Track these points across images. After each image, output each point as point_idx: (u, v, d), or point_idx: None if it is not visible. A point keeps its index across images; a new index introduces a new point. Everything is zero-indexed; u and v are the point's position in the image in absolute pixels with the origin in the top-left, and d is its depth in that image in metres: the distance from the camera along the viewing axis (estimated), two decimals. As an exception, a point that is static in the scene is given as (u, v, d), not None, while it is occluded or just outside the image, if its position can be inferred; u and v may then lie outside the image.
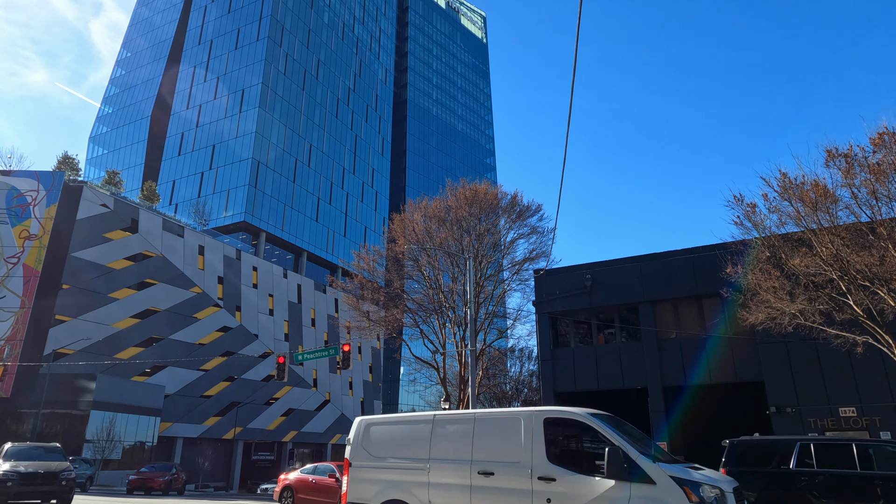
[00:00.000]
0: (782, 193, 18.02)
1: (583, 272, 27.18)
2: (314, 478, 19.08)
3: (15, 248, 45.69)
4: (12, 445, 17.66)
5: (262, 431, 61.44)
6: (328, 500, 17.90)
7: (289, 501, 19.25)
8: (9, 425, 42.04)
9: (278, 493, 20.11)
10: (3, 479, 15.56)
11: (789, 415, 21.75)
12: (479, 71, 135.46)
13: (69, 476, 16.57)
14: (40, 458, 17.32)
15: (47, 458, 17.59)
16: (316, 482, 18.84)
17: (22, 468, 16.16)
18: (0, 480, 15.56)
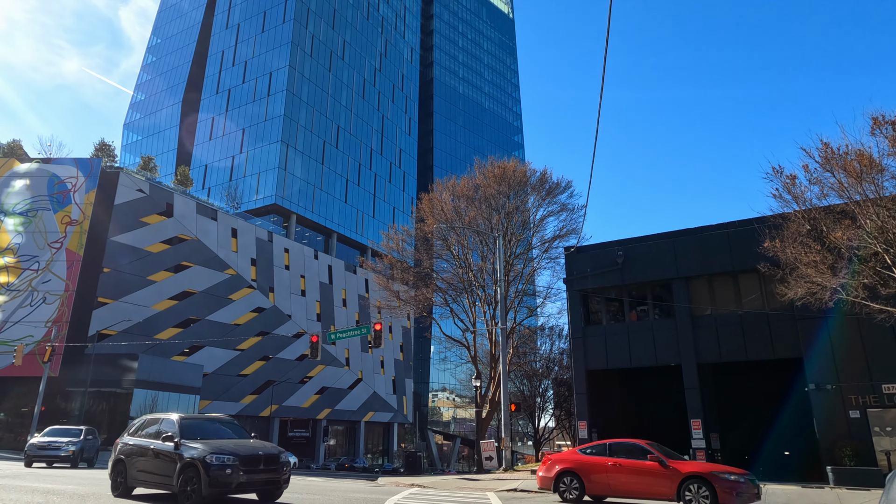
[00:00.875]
0: (824, 164, 17.39)
1: (614, 249, 26.81)
2: (617, 460, 14.07)
3: (58, 233, 47.25)
4: (183, 418, 12.28)
5: (297, 409, 62.92)
6: (652, 490, 13.49)
7: (575, 491, 14.25)
8: (58, 403, 43.92)
9: (551, 480, 14.78)
10: (219, 466, 10.52)
11: (829, 392, 21.25)
12: (506, 47, 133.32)
13: (288, 461, 12.05)
14: (229, 436, 12.34)
15: (235, 434, 12.61)
16: (622, 465, 13.91)
17: (236, 449, 11.08)
18: (215, 466, 10.48)
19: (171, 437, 11.46)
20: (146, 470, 11.80)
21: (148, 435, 12.31)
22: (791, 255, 18.65)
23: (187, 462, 10.78)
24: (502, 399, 26.03)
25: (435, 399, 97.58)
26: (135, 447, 12.27)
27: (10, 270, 46.20)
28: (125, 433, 13.16)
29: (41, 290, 45.65)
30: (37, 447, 23.74)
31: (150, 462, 11.74)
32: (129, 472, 12.18)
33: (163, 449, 11.52)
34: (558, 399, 58.15)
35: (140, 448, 12.12)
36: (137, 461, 12.08)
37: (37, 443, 24.00)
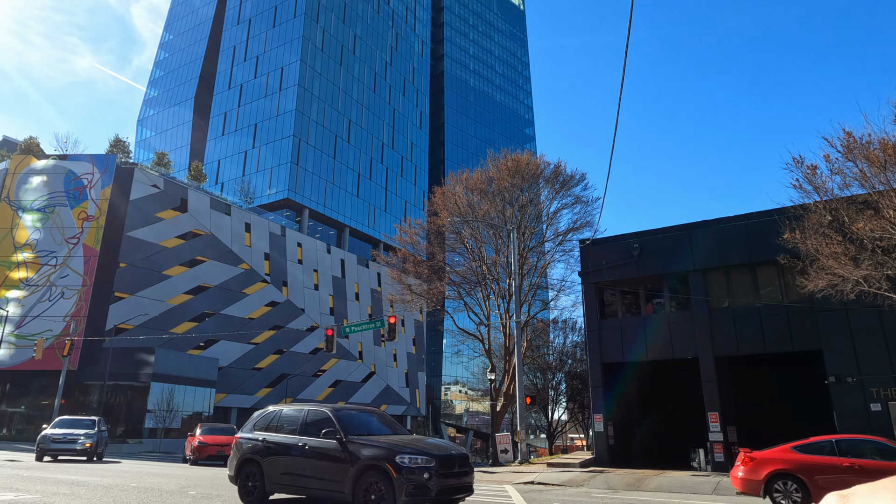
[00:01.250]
0: (846, 154, 17.09)
1: (630, 241, 26.61)
2: (853, 461, 12.05)
3: (74, 228, 47.79)
4: (336, 409, 10.40)
5: (311, 402, 63.31)
6: None
7: (797, 497, 12.13)
8: (76, 396, 44.58)
9: (758, 484, 12.75)
10: (414, 469, 8.72)
11: (850, 385, 21.00)
12: (517, 39, 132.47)
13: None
14: (385, 430, 10.45)
15: (389, 428, 10.72)
16: (863, 467, 11.83)
17: (427, 448, 9.31)
18: (410, 470, 8.68)
19: (332, 433, 9.50)
20: (296, 472, 9.79)
21: (288, 430, 10.38)
22: (812, 246, 18.40)
23: (367, 464, 8.87)
24: (517, 392, 26.00)
25: (447, 392, 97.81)
26: (273, 445, 10.23)
27: (29, 266, 46.83)
28: (246, 428, 11.18)
29: (59, 285, 46.24)
30: (51, 439, 22.01)
31: (301, 463, 9.74)
32: (267, 474, 10.07)
33: (322, 447, 9.47)
34: (571, 392, 58.05)
35: (282, 446, 10.13)
36: (279, 462, 10.06)
37: (51, 434, 22.22)
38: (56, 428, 22.89)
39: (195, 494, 11.87)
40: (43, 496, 10.74)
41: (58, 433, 22.36)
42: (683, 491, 16.98)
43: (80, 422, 24.03)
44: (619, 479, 18.97)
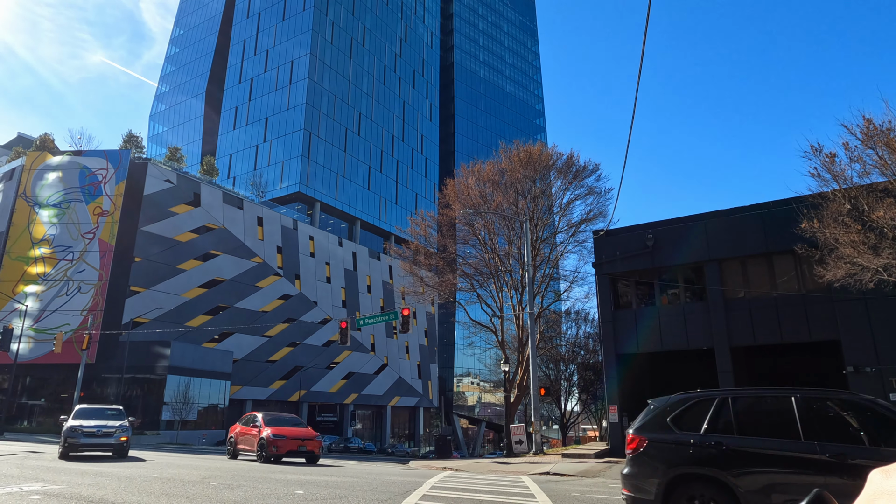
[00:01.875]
0: (866, 141, 16.85)
1: (644, 232, 26.47)
2: None
3: (90, 224, 48.31)
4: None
5: (324, 394, 63.85)
6: None
7: None
8: (94, 389, 45.22)
9: None
10: None
11: (868, 375, 20.82)
12: (527, 29, 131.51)
13: None
14: None
15: None
16: None
17: None
18: None
19: None
20: None
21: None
22: (830, 235, 18.20)
23: None
24: (531, 383, 26.03)
25: (460, 384, 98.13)
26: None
27: (47, 261, 47.45)
28: (701, 427, 7.21)
29: (76, 279, 46.83)
30: (83, 433, 18.21)
31: None
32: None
33: None
34: (584, 383, 58.05)
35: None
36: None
37: (82, 427, 18.39)
38: (82, 419, 19.05)
39: (217, 485, 12.04)
40: (68, 486, 10.93)
41: (89, 425, 18.55)
42: (700, 481, 16.91)
43: (104, 412, 20.50)
44: (635, 469, 18.91)
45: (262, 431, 20.07)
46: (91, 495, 9.88)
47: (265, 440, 19.60)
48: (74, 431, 18.20)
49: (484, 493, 11.69)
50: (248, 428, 21.47)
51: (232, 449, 22.33)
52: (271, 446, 19.36)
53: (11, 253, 47.78)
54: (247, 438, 21.30)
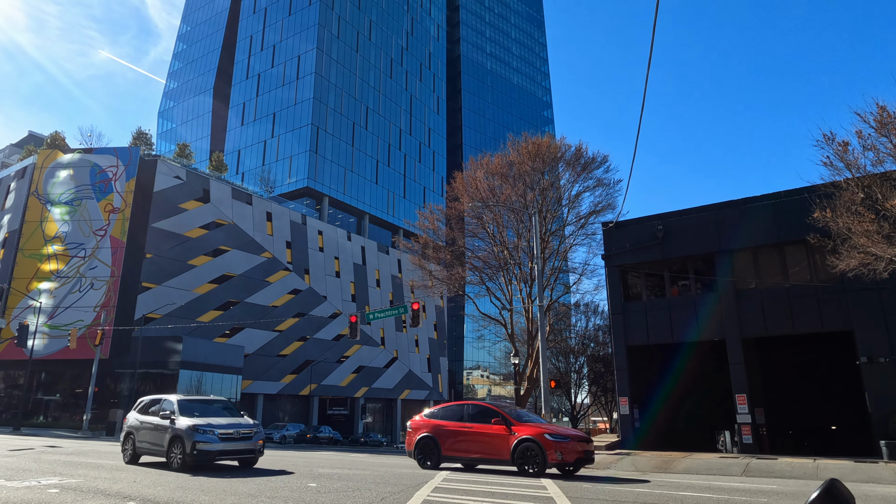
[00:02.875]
0: (880, 129, 16.63)
1: (654, 223, 26.32)
2: None
3: (101, 221, 48.71)
4: None
5: (335, 388, 64.21)
6: None
7: None
8: (108, 384, 45.73)
9: None
10: None
11: (882, 365, 20.64)
12: (534, 20, 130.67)
13: None
14: None
15: None
16: None
17: None
18: None
19: None
20: None
21: None
22: (843, 224, 18.01)
23: None
24: (541, 376, 26.03)
25: (469, 377, 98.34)
26: None
27: (59, 258, 47.93)
28: None
29: (88, 276, 47.28)
30: (219, 435, 13.07)
31: None
32: None
33: None
34: (594, 375, 58.01)
35: None
36: None
37: (211, 426, 13.13)
38: (200, 416, 13.79)
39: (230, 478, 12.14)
40: (85, 480, 11.08)
41: (221, 424, 13.45)
42: (712, 472, 16.92)
43: (212, 405, 14.89)
44: (647, 461, 18.96)
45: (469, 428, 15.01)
46: (108, 489, 10.01)
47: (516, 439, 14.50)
48: (204, 432, 12.96)
49: (496, 486, 11.72)
50: (433, 423, 15.78)
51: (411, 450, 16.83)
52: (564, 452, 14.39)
53: (25, 250, 48.30)
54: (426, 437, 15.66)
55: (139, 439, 14.65)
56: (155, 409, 14.77)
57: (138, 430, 14.81)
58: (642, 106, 11.48)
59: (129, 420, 15.39)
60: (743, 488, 12.47)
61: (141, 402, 15.83)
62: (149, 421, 14.51)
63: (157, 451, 13.93)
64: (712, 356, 26.14)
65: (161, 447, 13.70)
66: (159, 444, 13.79)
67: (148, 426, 14.44)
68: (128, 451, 15.05)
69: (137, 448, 14.73)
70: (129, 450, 14.97)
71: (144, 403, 15.58)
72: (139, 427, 14.81)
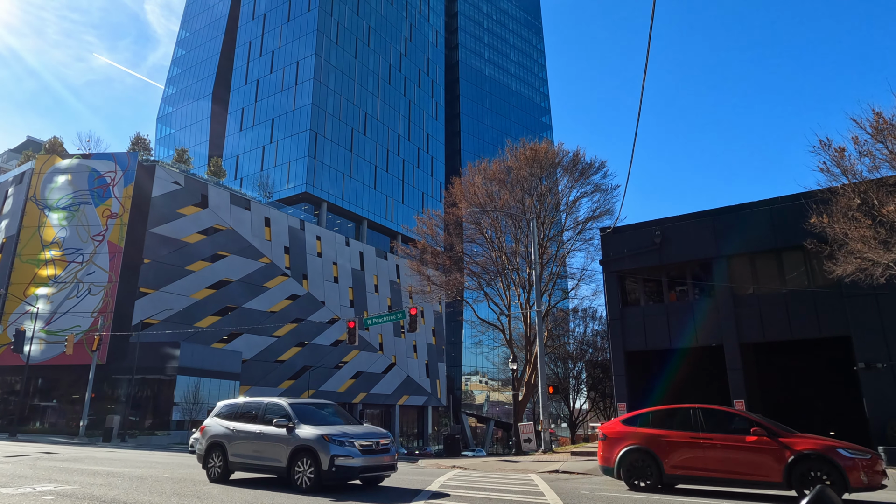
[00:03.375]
0: (875, 135, 16.70)
1: (651, 229, 26.35)
2: None
3: (99, 226, 48.67)
4: None
5: (333, 394, 64.03)
6: None
7: None
8: (105, 390, 45.57)
9: None
10: None
11: (880, 370, 20.63)
12: (532, 27, 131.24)
13: None
14: None
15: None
16: None
17: None
18: None
19: None
20: None
21: None
22: (840, 230, 18.06)
23: None
24: (539, 381, 26.01)
25: (468, 382, 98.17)
26: None
27: (57, 263, 47.85)
28: None
29: (86, 281, 47.19)
30: (360, 448, 11.04)
31: None
32: None
33: None
34: (592, 381, 57.92)
35: None
36: None
37: (348, 437, 11.07)
38: (321, 425, 11.66)
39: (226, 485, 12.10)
40: (81, 487, 11.03)
41: (355, 432, 11.44)
42: (710, 479, 16.84)
43: (323, 411, 12.84)
44: (645, 467, 18.87)
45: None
46: (103, 495, 9.97)
47: None
48: (341, 444, 10.89)
49: (493, 492, 11.69)
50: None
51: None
52: None
53: (22, 256, 48.22)
54: None
55: (234, 451, 12.16)
56: (253, 414, 12.42)
57: (232, 439, 12.28)
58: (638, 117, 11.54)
59: (212, 427, 12.92)
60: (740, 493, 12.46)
61: (226, 407, 13.36)
62: (248, 429, 12.12)
63: (267, 466, 11.59)
64: (710, 362, 26.12)
65: (275, 462, 11.40)
66: (272, 459, 11.45)
67: (248, 435, 12.06)
68: (215, 466, 12.38)
69: (232, 462, 12.16)
70: (219, 464, 12.32)
71: (234, 408, 13.10)
72: (232, 436, 12.31)
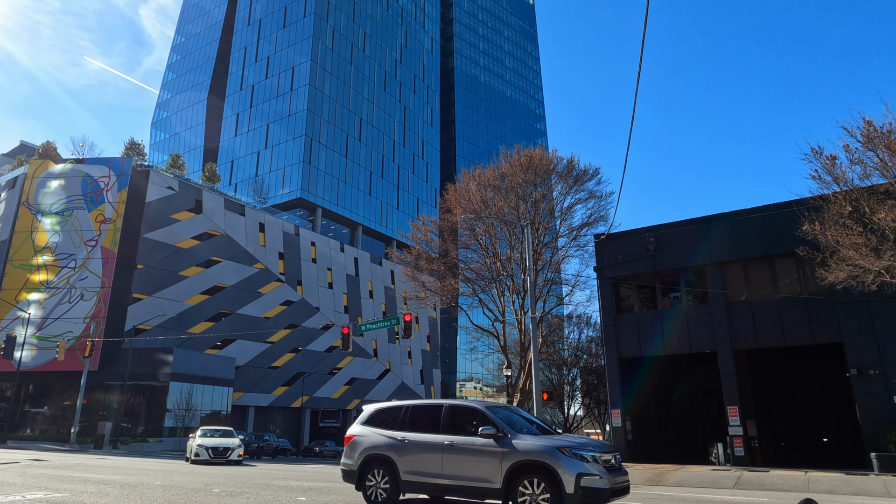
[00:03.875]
0: (866, 143, 16.87)
1: (645, 236, 26.46)
2: None
3: (92, 231, 48.44)
4: None
5: (327, 400, 63.78)
6: None
7: None
8: (96, 397, 45.18)
9: None
10: None
11: (872, 377, 20.74)
12: (527, 34, 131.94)
13: None
14: None
15: None
16: None
17: None
18: None
19: None
20: None
21: None
22: (832, 237, 18.19)
23: None
24: (534, 388, 25.98)
25: (462, 389, 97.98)
26: None
27: (49, 268, 47.55)
28: None
29: (79, 287, 46.91)
30: (603, 463, 8.57)
31: None
32: None
33: None
34: (587, 387, 57.90)
35: None
36: None
37: (584, 447, 8.76)
38: (528, 434, 9.24)
39: (219, 492, 12.03)
40: (71, 495, 10.94)
41: (592, 444, 9.17)
42: (704, 485, 16.91)
43: (515, 413, 10.35)
44: (639, 473, 18.91)
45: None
46: (94, 503, 9.89)
47: None
48: (584, 460, 8.46)
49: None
50: None
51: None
52: None
53: (14, 261, 47.90)
54: None
55: (409, 468, 9.55)
56: (431, 420, 9.82)
57: (403, 452, 9.71)
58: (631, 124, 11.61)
59: (366, 438, 10.41)
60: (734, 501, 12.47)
61: (380, 411, 10.86)
62: (428, 440, 9.54)
63: (468, 487, 8.99)
64: (704, 368, 26.21)
65: (481, 482, 8.84)
66: (476, 478, 8.88)
67: (429, 447, 9.47)
68: (378, 486, 9.81)
69: (405, 482, 9.56)
70: (383, 485, 9.75)
71: (393, 413, 10.48)
72: (403, 447, 9.75)
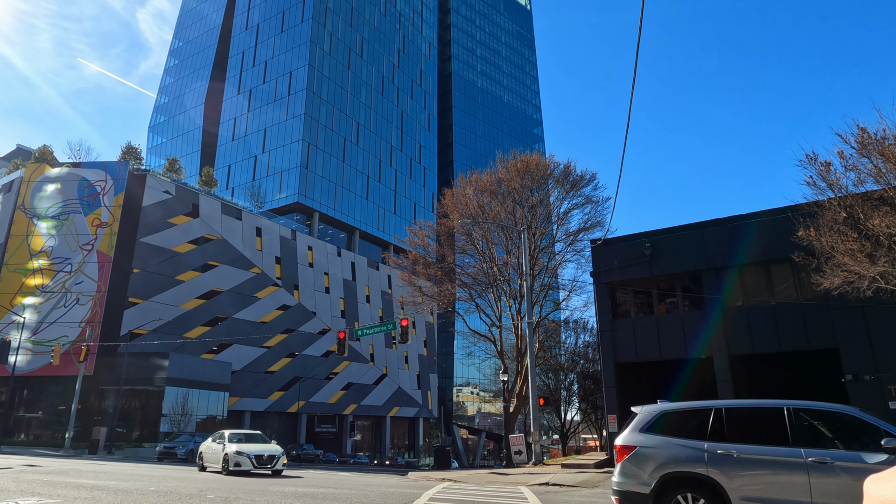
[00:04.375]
0: (861, 150, 16.96)
1: (642, 241, 26.52)
2: None
3: (88, 235, 48.31)
4: None
5: (323, 405, 63.60)
6: None
7: None
8: (92, 401, 44.99)
9: None
10: None
11: (867, 382, 20.79)
12: (524, 39, 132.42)
13: None
14: None
15: None
16: None
17: None
18: None
19: None
20: None
21: None
22: (826, 243, 18.26)
23: None
24: (530, 393, 25.97)
25: (459, 394, 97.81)
26: None
27: (45, 273, 47.40)
28: None
29: (74, 291, 46.76)
30: None
31: None
32: None
33: None
34: (584, 393, 57.87)
35: None
36: None
37: None
38: None
39: (213, 498, 11.97)
40: (64, 500, 10.87)
41: None
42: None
43: None
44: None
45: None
46: (87, 509, 9.82)
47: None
48: None
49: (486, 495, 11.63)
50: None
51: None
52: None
53: (9, 265, 47.74)
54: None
55: (748, 496, 7.07)
56: (767, 425, 7.83)
57: (735, 472, 7.27)
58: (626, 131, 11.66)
59: (660, 451, 7.88)
60: None
61: (681, 413, 8.37)
62: (782, 456, 7.20)
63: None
64: (700, 373, 26.20)
65: None
66: None
67: (784, 466, 7.13)
68: None
69: None
70: None
71: (709, 415, 7.98)
72: (734, 465, 7.34)
